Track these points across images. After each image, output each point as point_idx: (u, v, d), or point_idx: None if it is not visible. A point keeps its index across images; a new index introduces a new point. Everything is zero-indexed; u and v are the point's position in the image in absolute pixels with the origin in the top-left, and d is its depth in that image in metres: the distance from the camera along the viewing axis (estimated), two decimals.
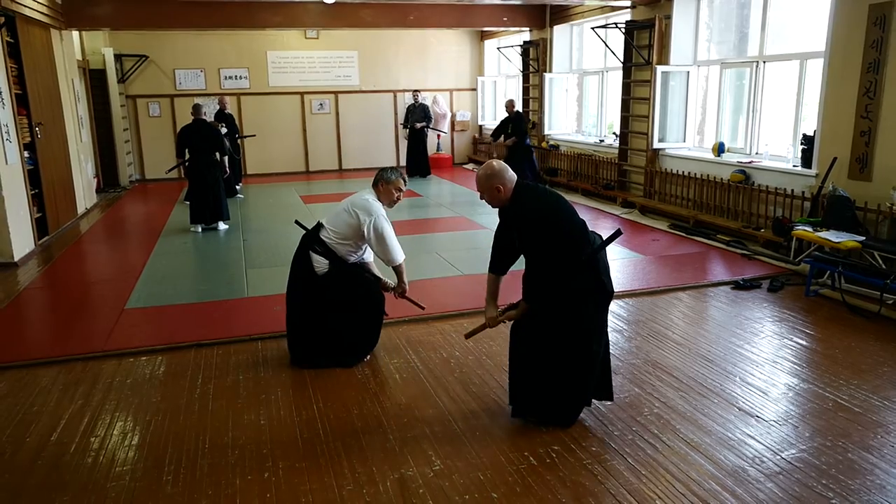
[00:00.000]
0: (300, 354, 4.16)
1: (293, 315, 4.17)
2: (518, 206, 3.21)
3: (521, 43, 12.21)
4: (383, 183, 4.03)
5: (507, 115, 10.39)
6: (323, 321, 4.05)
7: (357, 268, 4.16)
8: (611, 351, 4.28)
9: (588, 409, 3.50)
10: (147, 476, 3.00)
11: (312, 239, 4.04)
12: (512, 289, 3.61)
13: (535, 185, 3.35)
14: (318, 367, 4.07)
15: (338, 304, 4.04)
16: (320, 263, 4.01)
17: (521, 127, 10.18)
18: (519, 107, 12.70)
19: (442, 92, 14.40)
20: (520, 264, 3.32)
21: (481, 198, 3.31)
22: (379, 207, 3.98)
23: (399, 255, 4.02)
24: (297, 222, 4.44)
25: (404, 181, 4.08)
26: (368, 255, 4.23)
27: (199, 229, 8.17)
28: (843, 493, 2.77)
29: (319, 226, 4.08)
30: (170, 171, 9.98)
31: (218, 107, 11.05)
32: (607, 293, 3.24)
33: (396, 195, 4.06)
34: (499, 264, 3.37)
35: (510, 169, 3.27)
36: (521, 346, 3.34)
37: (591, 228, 3.30)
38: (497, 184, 3.21)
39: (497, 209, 3.31)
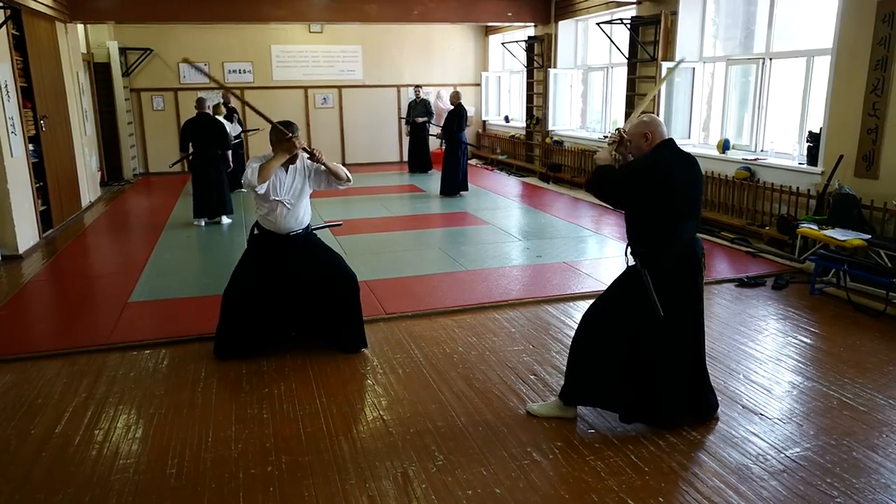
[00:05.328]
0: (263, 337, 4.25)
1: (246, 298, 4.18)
2: (653, 155, 3.16)
3: (526, 38, 12.17)
4: (276, 142, 3.93)
5: (451, 106, 10.24)
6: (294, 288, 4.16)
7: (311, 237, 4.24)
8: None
9: (591, 407, 3.49)
10: (151, 469, 3.01)
11: None
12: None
13: (677, 151, 3.23)
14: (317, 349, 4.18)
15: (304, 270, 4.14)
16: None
17: (454, 121, 10.03)
18: (522, 100, 12.73)
19: (446, 87, 14.34)
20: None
21: (620, 147, 3.24)
22: (254, 160, 3.91)
23: (247, 176, 3.83)
24: None
25: (292, 132, 3.89)
26: (297, 211, 4.09)
27: (203, 223, 8.18)
28: (848, 492, 2.76)
29: None
30: (173, 164, 9.98)
31: (222, 101, 11.02)
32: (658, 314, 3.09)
33: (293, 150, 3.92)
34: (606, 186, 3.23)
35: (665, 127, 3.24)
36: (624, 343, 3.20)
37: (595, 225, 3.28)
38: (647, 130, 3.18)
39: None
